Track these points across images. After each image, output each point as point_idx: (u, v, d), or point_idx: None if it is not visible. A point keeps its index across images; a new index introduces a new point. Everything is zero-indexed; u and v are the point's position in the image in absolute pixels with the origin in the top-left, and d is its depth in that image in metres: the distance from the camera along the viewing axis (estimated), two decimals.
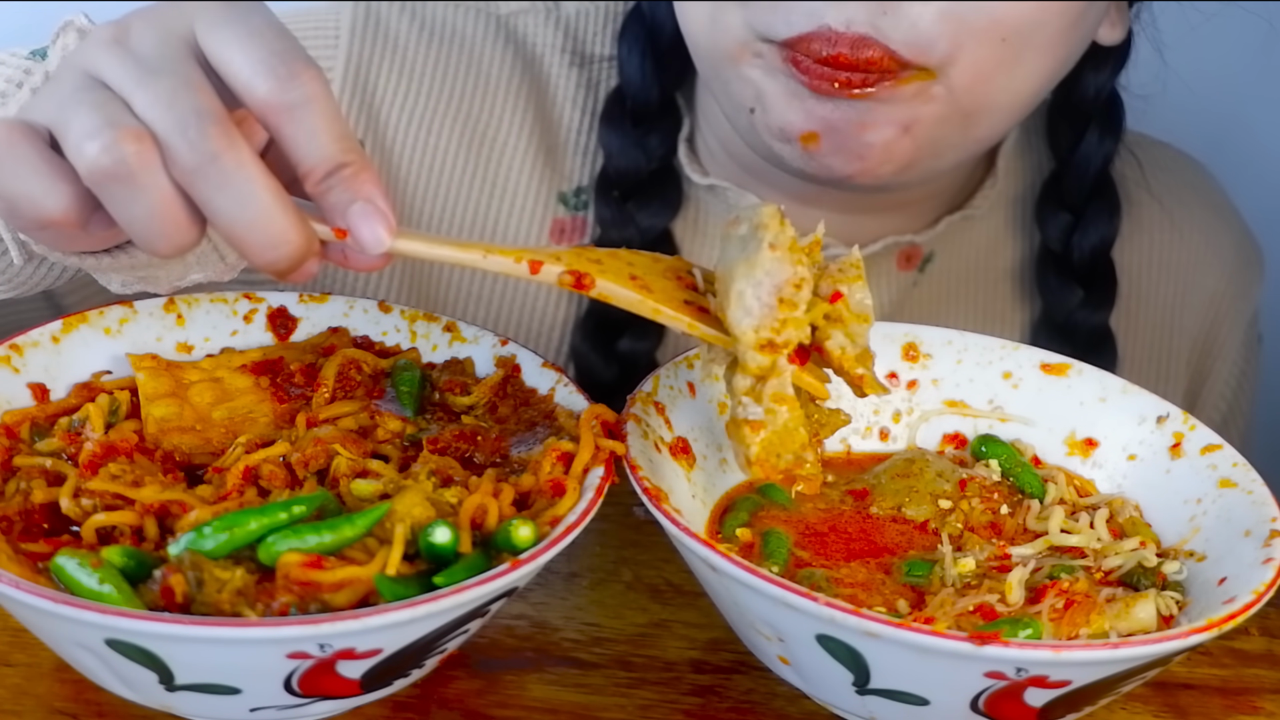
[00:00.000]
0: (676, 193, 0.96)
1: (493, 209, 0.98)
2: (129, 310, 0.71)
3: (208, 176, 0.55)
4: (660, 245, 0.95)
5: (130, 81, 0.57)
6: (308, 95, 0.56)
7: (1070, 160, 0.99)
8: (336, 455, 0.63)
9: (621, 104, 0.96)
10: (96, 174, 0.55)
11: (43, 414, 0.66)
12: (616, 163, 0.95)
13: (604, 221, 0.96)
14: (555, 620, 0.69)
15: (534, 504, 0.62)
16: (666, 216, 0.96)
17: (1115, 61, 0.97)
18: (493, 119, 0.98)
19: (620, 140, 0.95)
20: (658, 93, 0.95)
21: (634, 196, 0.95)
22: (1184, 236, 1.06)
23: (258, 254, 0.57)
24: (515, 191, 0.98)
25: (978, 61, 0.79)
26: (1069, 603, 0.61)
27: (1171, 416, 0.72)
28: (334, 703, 0.58)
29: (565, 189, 0.98)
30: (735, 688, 0.66)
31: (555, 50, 1.00)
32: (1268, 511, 0.64)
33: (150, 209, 0.56)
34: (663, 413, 0.68)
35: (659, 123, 0.95)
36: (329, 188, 0.57)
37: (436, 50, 0.98)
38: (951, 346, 0.76)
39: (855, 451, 0.75)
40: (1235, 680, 0.70)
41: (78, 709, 0.61)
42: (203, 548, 0.55)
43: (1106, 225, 0.99)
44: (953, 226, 0.97)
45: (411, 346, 0.74)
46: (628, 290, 0.62)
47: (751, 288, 0.60)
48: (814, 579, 0.63)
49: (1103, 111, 0.98)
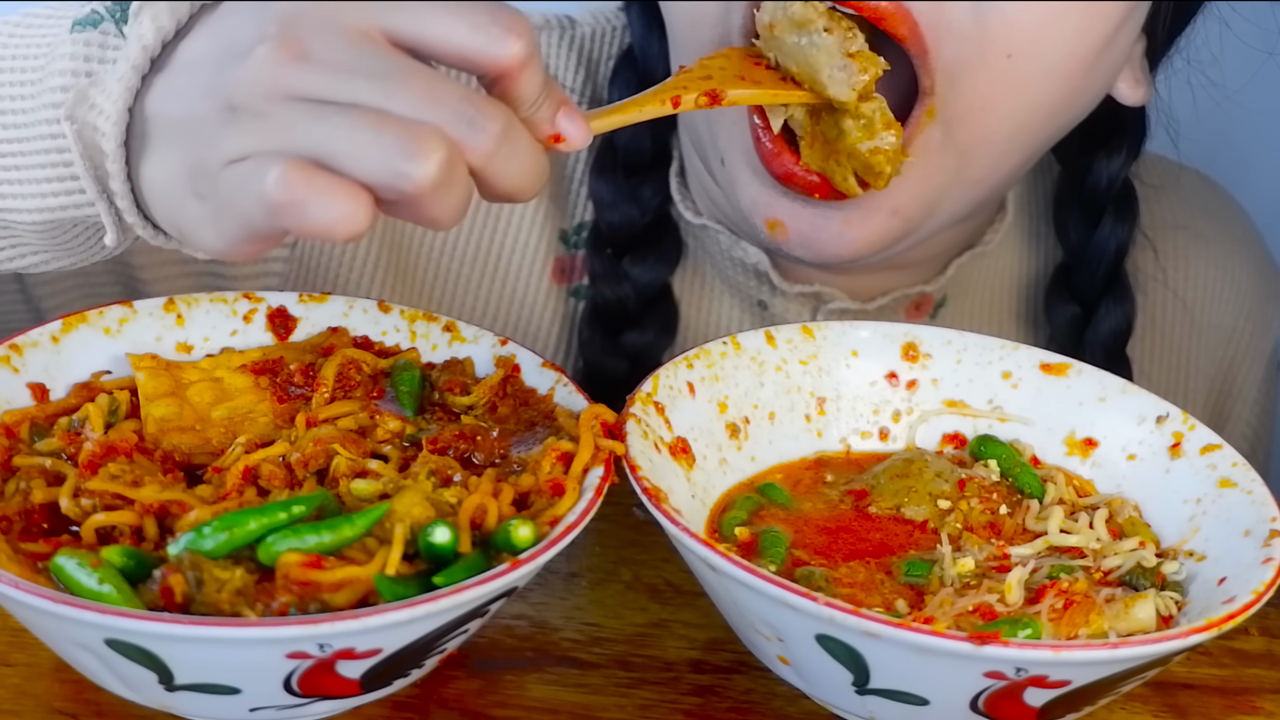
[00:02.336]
0: (675, 245, 0.93)
1: (495, 246, 0.95)
2: (129, 310, 0.71)
3: (503, 153, 0.57)
4: (659, 301, 0.92)
5: (375, 92, 0.56)
6: (525, 49, 0.58)
7: (1082, 252, 0.95)
8: (336, 455, 0.63)
9: (613, 154, 0.92)
10: (426, 186, 0.55)
11: (42, 414, 0.66)
12: (608, 217, 0.92)
13: (595, 277, 0.92)
14: (555, 620, 0.69)
15: (533, 504, 0.62)
16: (664, 271, 0.92)
17: (1130, 147, 0.93)
18: None
19: (612, 192, 0.92)
20: (649, 141, 0.92)
21: (629, 251, 0.92)
22: (1198, 273, 1.02)
23: (530, 195, 0.60)
24: (519, 227, 0.95)
25: (979, 84, 0.76)
26: (1068, 603, 0.61)
27: (1171, 416, 0.72)
28: (334, 703, 0.58)
29: (566, 226, 0.95)
30: (735, 688, 0.66)
31: (568, 73, 0.96)
32: (1267, 511, 0.64)
33: (460, 201, 0.57)
34: (662, 413, 0.68)
35: (652, 173, 0.92)
36: (539, 107, 0.61)
37: None
38: (951, 346, 0.76)
39: (855, 451, 0.75)
40: (1235, 680, 0.70)
41: (78, 709, 0.61)
42: (202, 548, 0.55)
43: (1118, 320, 0.95)
44: (962, 269, 0.94)
45: (411, 346, 0.74)
46: (749, 90, 0.73)
47: (828, 68, 0.74)
48: (813, 579, 0.63)
49: (1117, 200, 0.94)
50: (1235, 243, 1.05)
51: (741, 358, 0.73)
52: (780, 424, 0.74)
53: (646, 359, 0.90)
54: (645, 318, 0.92)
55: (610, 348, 0.92)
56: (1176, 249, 1.02)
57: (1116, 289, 0.95)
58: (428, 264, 0.95)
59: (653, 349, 0.92)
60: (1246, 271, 1.05)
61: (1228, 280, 1.04)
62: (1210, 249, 1.03)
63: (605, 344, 0.92)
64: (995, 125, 0.78)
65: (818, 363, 0.75)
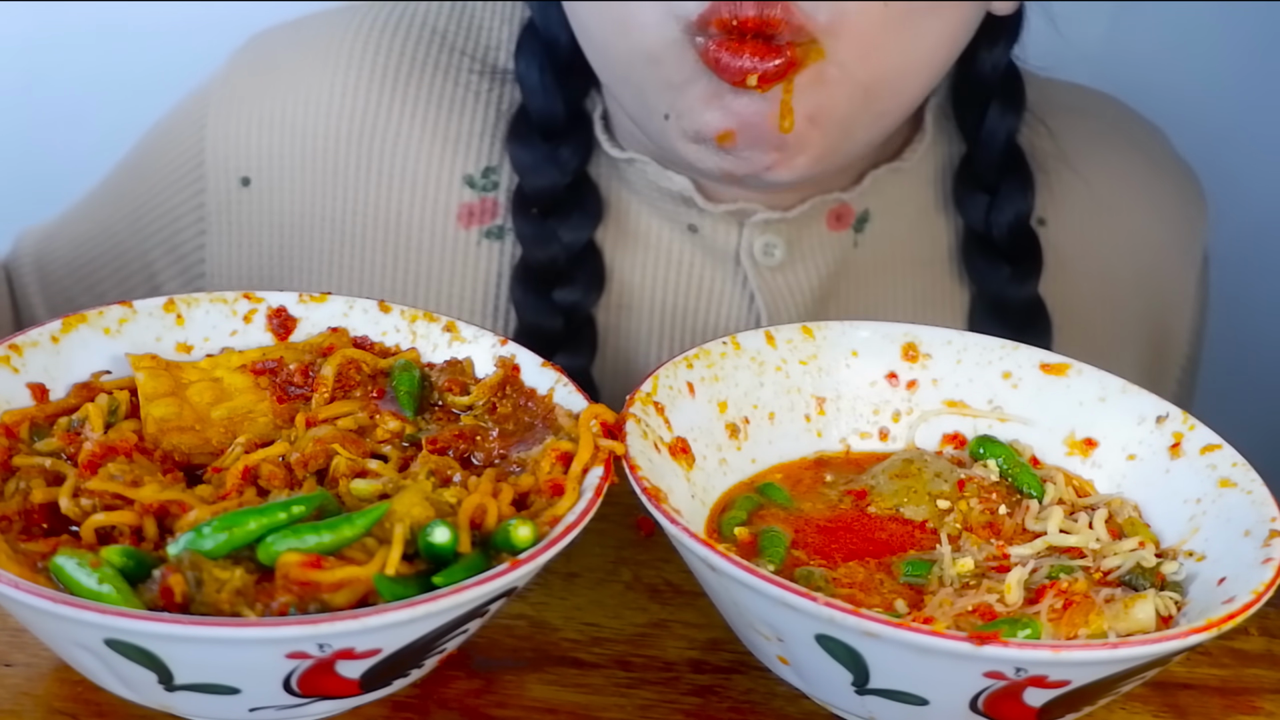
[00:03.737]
0: (597, 203, 0.97)
1: (393, 201, 0.98)
2: (128, 310, 0.71)
3: None
4: (587, 257, 0.97)
5: None
6: None
7: (977, 139, 1.00)
8: (336, 455, 0.63)
9: (528, 120, 0.97)
10: None
11: (42, 414, 0.66)
12: (532, 181, 0.96)
13: (525, 239, 0.97)
14: (555, 620, 0.69)
15: (533, 504, 0.62)
16: (589, 228, 0.97)
17: (1008, 35, 0.98)
18: (380, 109, 0.99)
19: (532, 156, 0.96)
20: (563, 106, 0.96)
21: (554, 213, 0.96)
22: (1116, 195, 1.06)
23: None
24: (415, 179, 0.99)
25: (862, 32, 0.81)
26: (1068, 603, 0.61)
27: (1171, 416, 0.72)
28: (333, 703, 0.58)
29: (472, 171, 0.99)
30: (735, 688, 0.66)
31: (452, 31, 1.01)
32: (1267, 511, 0.64)
33: None
34: (662, 413, 0.68)
35: (569, 136, 0.96)
36: None
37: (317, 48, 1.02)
38: (951, 346, 0.76)
39: (854, 451, 0.75)
40: (1235, 680, 0.70)
41: (78, 709, 0.61)
42: (202, 547, 0.55)
43: (1021, 200, 1.00)
44: (881, 182, 0.98)
45: (411, 346, 0.74)
46: None
47: None
48: (812, 578, 0.63)
49: (1002, 86, 0.99)
50: (1150, 161, 1.09)
51: (741, 358, 0.73)
52: (780, 424, 0.74)
53: (578, 313, 0.96)
54: (575, 273, 0.97)
55: (544, 306, 0.96)
56: (1089, 178, 1.06)
57: (1016, 169, 1.00)
58: (329, 235, 0.99)
59: (584, 303, 0.97)
60: (1167, 185, 1.09)
61: (1148, 197, 1.08)
62: (1126, 170, 1.08)
63: (539, 303, 0.96)
64: (890, 64, 0.84)
65: (817, 363, 0.75)
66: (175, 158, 1.03)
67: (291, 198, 1.00)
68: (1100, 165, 1.06)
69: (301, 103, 0.99)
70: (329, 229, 1.00)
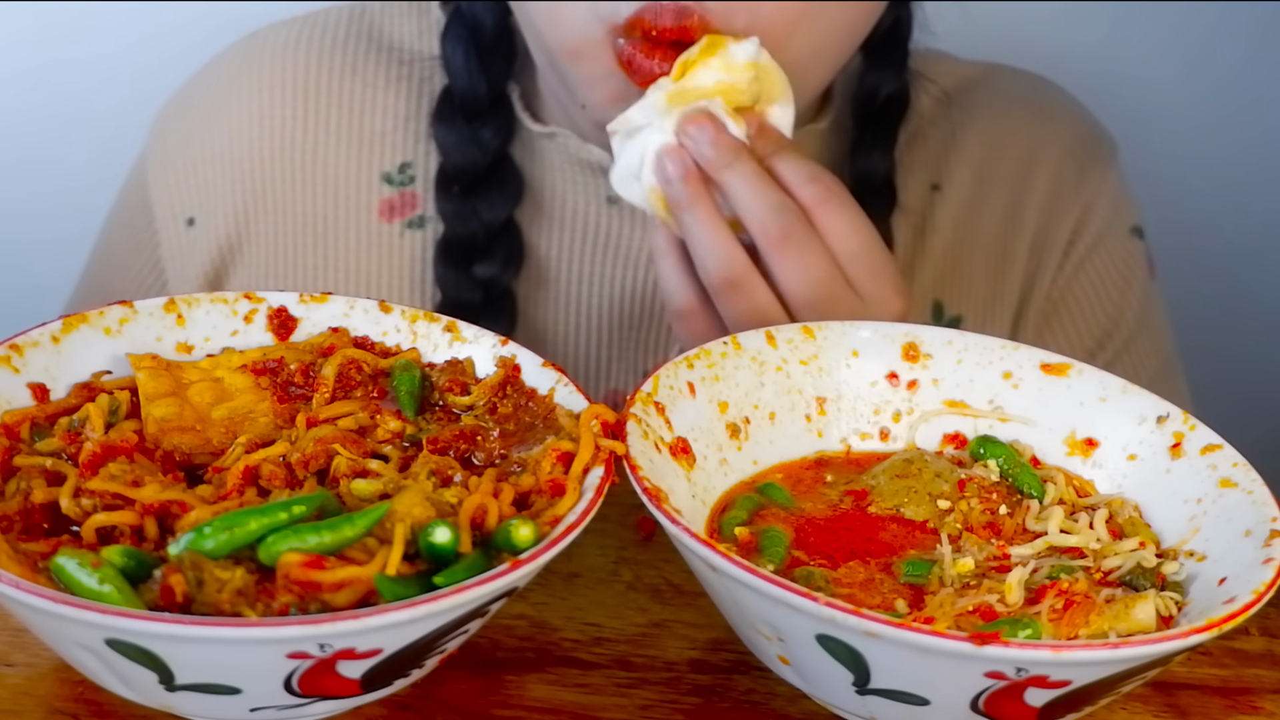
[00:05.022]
0: (516, 182, 1.02)
1: (318, 206, 1.04)
2: (129, 310, 0.71)
3: None
4: (505, 233, 1.01)
5: None
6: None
7: (858, 95, 1.06)
8: (336, 455, 0.63)
9: (451, 102, 1.02)
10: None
11: (43, 414, 0.66)
12: (453, 159, 1.01)
13: (447, 217, 1.01)
14: (555, 620, 0.69)
15: (534, 504, 0.62)
16: (508, 206, 1.01)
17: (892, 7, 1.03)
18: (297, 122, 1.04)
19: (454, 136, 1.01)
20: (486, 87, 1.01)
21: (475, 191, 1.00)
22: (1005, 155, 1.10)
23: None
24: (334, 181, 1.04)
25: (775, 30, 0.85)
26: (1068, 603, 0.61)
27: (1171, 416, 0.72)
28: (334, 703, 0.58)
29: (389, 168, 1.04)
30: (735, 688, 0.66)
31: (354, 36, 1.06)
32: (1268, 511, 0.64)
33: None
34: (663, 413, 0.68)
35: (490, 116, 1.01)
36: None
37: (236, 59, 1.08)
38: (952, 346, 0.76)
39: (855, 451, 0.75)
40: (1235, 680, 0.70)
41: (78, 709, 0.61)
42: (203, 547, 0.55)
43: (881, 158, 1.05)
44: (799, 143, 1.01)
45: (412, 346, 0.74)
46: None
47: None
48: (813, 578, 0.63)
49: (880, 46, 1.04)
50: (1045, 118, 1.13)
51: (742, 358, 0.73)
52: (781, 424, 0.74)
53: (497, 286, 1.01)
54: (495, 249, 1.01)
55: (464, 281, 1.01)
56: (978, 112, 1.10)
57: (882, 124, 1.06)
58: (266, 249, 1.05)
59: (502, 277, 1.02)
60: (1060, 138, 1.12)
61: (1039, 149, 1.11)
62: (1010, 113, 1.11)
63: (459, 277, 1.01)
64: (801, 56, 0.88)
65: (818, 363, 0.75)
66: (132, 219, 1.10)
67: (232, 222, 1.05)
68: (991, 133, 1.11)
69: (226, 133, 1.05)
70: (265, 243, 1.05)
